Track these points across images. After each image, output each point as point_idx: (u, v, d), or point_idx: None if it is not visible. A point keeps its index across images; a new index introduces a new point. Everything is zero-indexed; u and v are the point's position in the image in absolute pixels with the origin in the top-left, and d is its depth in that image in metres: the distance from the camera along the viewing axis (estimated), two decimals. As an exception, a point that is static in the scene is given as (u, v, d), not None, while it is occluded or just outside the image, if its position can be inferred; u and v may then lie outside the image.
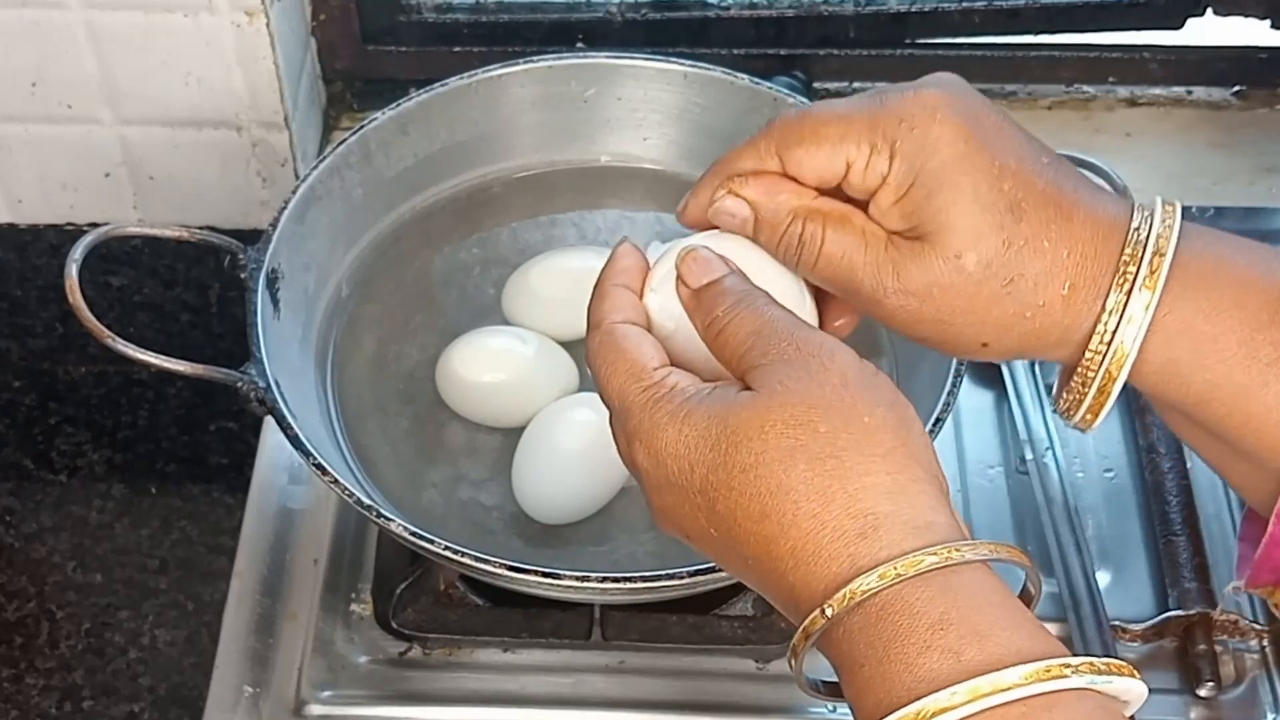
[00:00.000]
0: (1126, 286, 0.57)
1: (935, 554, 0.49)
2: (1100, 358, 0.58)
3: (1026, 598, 0.55)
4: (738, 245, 0.62)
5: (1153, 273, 0.57)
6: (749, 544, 0.52)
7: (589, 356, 0.59)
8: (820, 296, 0.63)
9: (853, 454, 0.52)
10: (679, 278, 0.60)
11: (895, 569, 0.49)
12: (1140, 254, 0.57)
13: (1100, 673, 0.48)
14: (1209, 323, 0.57)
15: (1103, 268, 0.58)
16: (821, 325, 0.63)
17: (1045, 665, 0.47)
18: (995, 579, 0.51)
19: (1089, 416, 0.61)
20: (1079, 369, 0.59)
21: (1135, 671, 0.49)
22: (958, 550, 0.50)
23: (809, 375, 0.53)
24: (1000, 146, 0.58)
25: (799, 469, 0.51)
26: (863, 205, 0.60)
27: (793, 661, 0.53)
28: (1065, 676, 0.47)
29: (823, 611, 0.50)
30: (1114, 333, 0.57)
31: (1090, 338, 0.58)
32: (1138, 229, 0.58)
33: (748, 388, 0.54)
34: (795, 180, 0.60)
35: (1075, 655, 0.48)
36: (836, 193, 0.61)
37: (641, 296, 0.62)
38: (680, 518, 0.55)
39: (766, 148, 0.61)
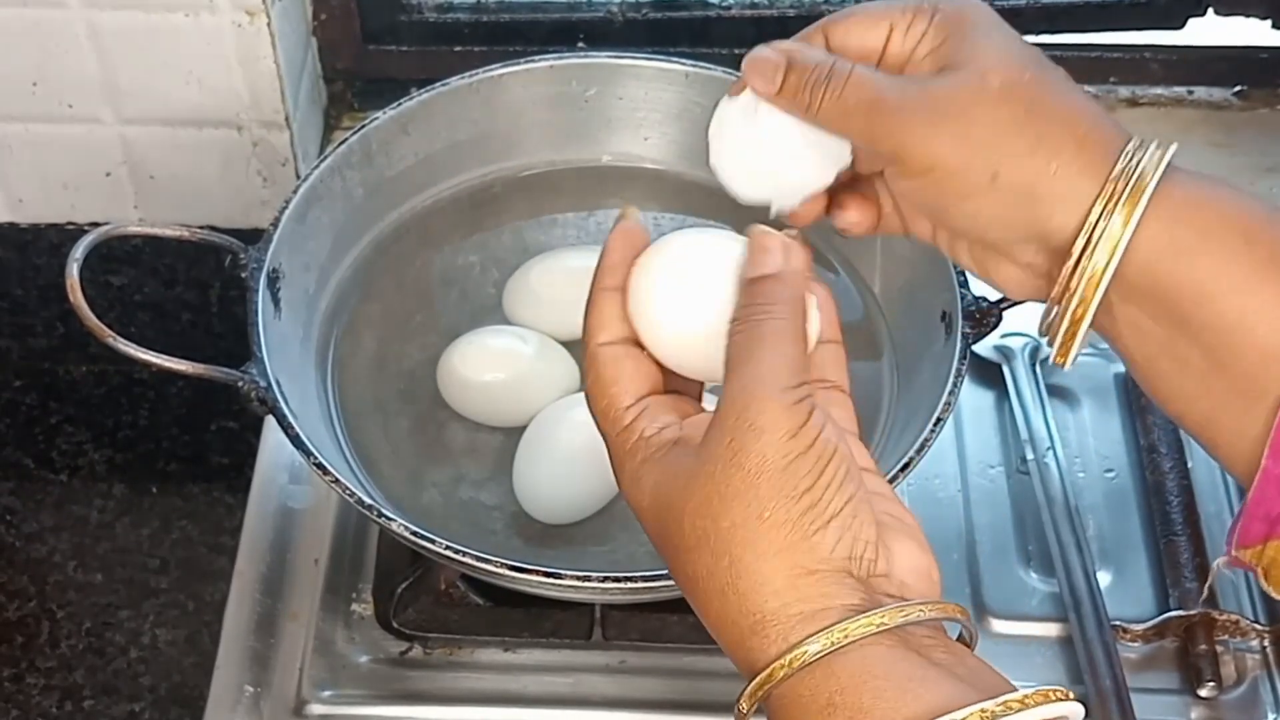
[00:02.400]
0: (1112, 196, 0.58)
1: (817, 641, 0.50)
2: (1085, 261, 0.59)
3: (966, 641, 0.55)
4: (726, 240, 0.61)
5: (1141, 186, 0.58)
6: (709, 605, 0.55)
7: (584, 353, 0.61)
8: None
9: (747, 552, 0.52)
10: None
11: (783, 664, 0.51)
12: (1131, 171, 0.59)
13: (1011, 710, 0.48)
14: (1200, 230, 0.59)
15: (1108, 148, 0.59)
16: (835, 221, 0.66)
17: (977, 710, 0.48)
18: (887, 649, 0.50)
19: (1067, 341, 0.61)
20: (1060, 279, 0.60)
21: (1056, 694, 0.49)
22: (843, 631, 0.50)
23: (731, 455, 0.53)
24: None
25: (704, 563, 0.53)
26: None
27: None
28: (1012, 711, 0.48)
29: (739, 710, 0.53)
30: (1095, 244, 0.59)
31: (1074, 239, 0.59)
32: (1131, 148, 0.60)
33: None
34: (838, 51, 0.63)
35: (991, 697, 0.48)
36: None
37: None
38: (658, 542, 0.57)
39: (814, 32, 0.64)
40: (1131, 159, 0.59)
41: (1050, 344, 0.63)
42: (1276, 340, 0.57)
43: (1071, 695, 0.49)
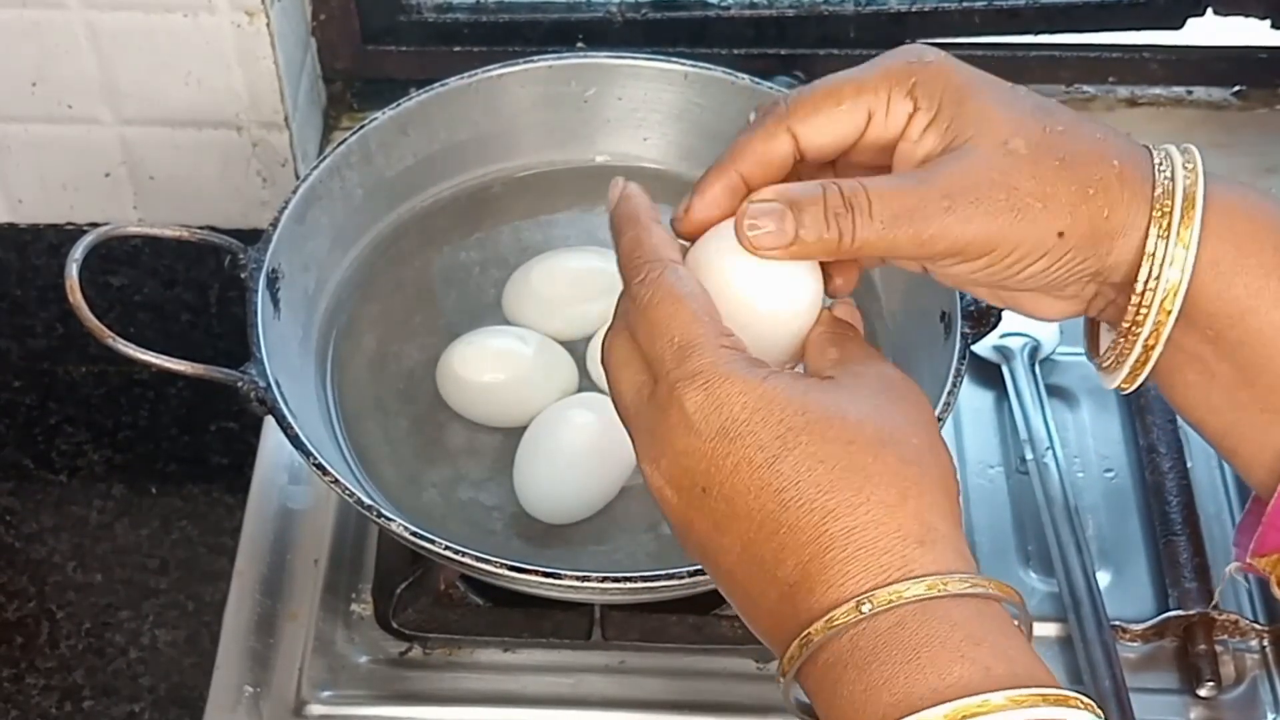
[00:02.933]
0: (1165, 222, 0.56)
1: (967, 580, 0.50)
2: (1150, 293, 0.57)
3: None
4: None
5: (1190, 206, 0.56)
6: (794, 510, 0.51)
7: (639, 281, 0.55)
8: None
9: (932, 473, 0.52)
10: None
11: (944, 582, 0.50)
12: (1172, 189, 0.57)
13: (1094, 712, 0.49)
14: (1237, 246, 0.57)
15: (1141, 169, 0.57)
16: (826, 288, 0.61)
17: (1060, 693, 0.49)
18: (1010, 616, 0.52)
19: (1137, 368, 0.59)
20: (1129, 310, 0.58)
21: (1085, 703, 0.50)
22: (984, 584, 0.51)
23: (891, 404, 0.53)
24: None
25: (888, 460, 0.51)
26: (884, 164, 0.59)
27: (790, 664, 0.51)
28: (1076, 707, 0.49)
29: (858, 605, 0.49)
30: (1161, 271, 0.57)
31: (1138, 265, 0.57)
32: (1159, 164, 0.58)
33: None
34: (804, 157, 0.59)
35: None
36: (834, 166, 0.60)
37: None
38: (709, 465, 0.52)
39: (775, 126, 0.58)
40: (1167, 175, 0.57)
41: (1109, 369, 0.61)
42: None
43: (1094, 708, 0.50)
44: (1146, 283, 0.57)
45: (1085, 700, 0.49)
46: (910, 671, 0.49)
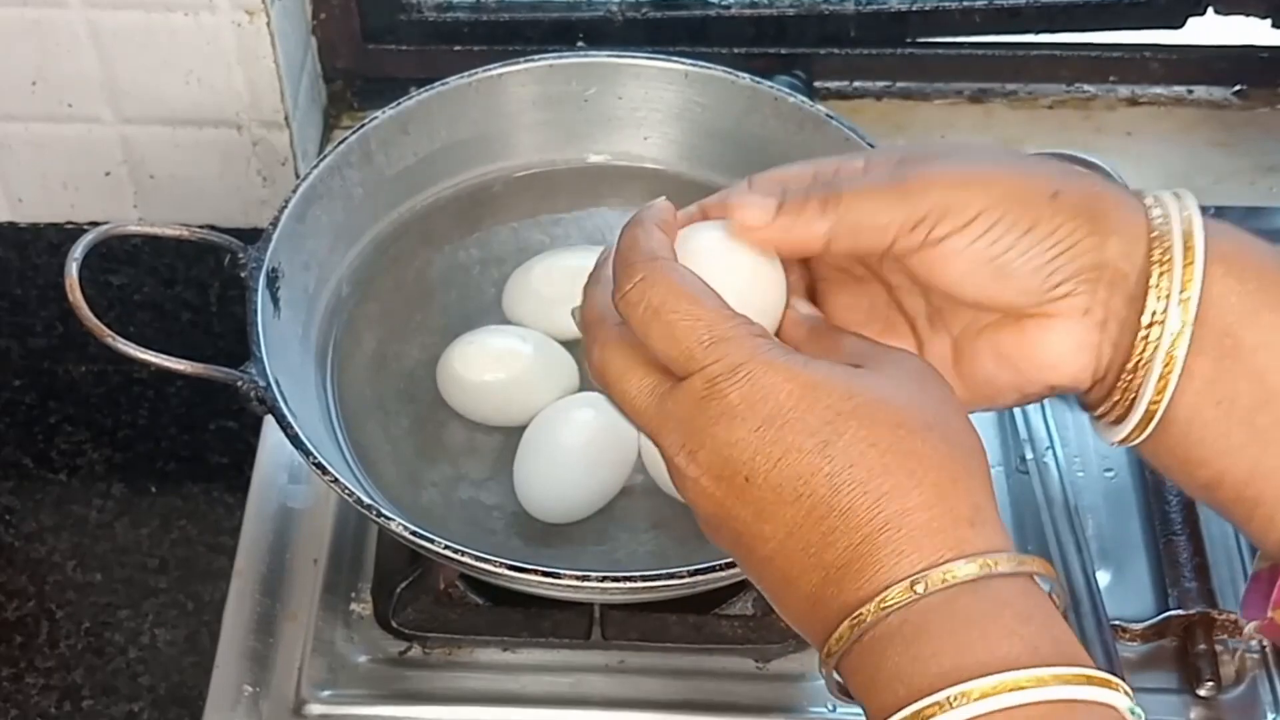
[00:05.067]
0: (1164, 264, 0.55)
1: (1014, 559, 0.51)
2: (1154, 340, 0.55)
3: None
4: (725, 236, 0.59)
5: (1189, 250, 0.55)
6: (846, 493, 0.51)
7: (636, 287, 0.55)
8: None
9: (975, 454, 0.53)
10: None
11: (994, 562, 0.50)
12: (1168, 234, 0.55)
13: (1133, 699, 0.50)
14: (1243, 284, 0.56)
15: (1134, 203, 0.56)
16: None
17: (1104, 676, 0.49)
18: (1047, 595, 0.53)
19: (1151, 409, 0.57)
20: (1130, 361, 0.56)
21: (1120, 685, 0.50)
22: (1029, 563, 0.52)
23: (926, 388, 0.54)
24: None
25: (935, 442, 0.52)
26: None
27: (838, 644, 0.51)
28: (1117, 690, 0.49)
29: (911, 585, 0.50)
30: (1164, 312, 0.55)
31: (1140, 313, 0.56)
32: (1150, 205, 0.57)
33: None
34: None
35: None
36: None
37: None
38: (754, 453, 0.52)
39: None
40: (1160, 214, 0.56)
41: (1114, 421, 0.59)
42: None
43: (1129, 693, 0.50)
44: (1159, 305, 0.55)
45: (1126, 687, 0.50)
46: (960, 646, 0.49)
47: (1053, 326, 0.57)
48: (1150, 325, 0.55)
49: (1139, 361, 0.56)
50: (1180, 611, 0.87)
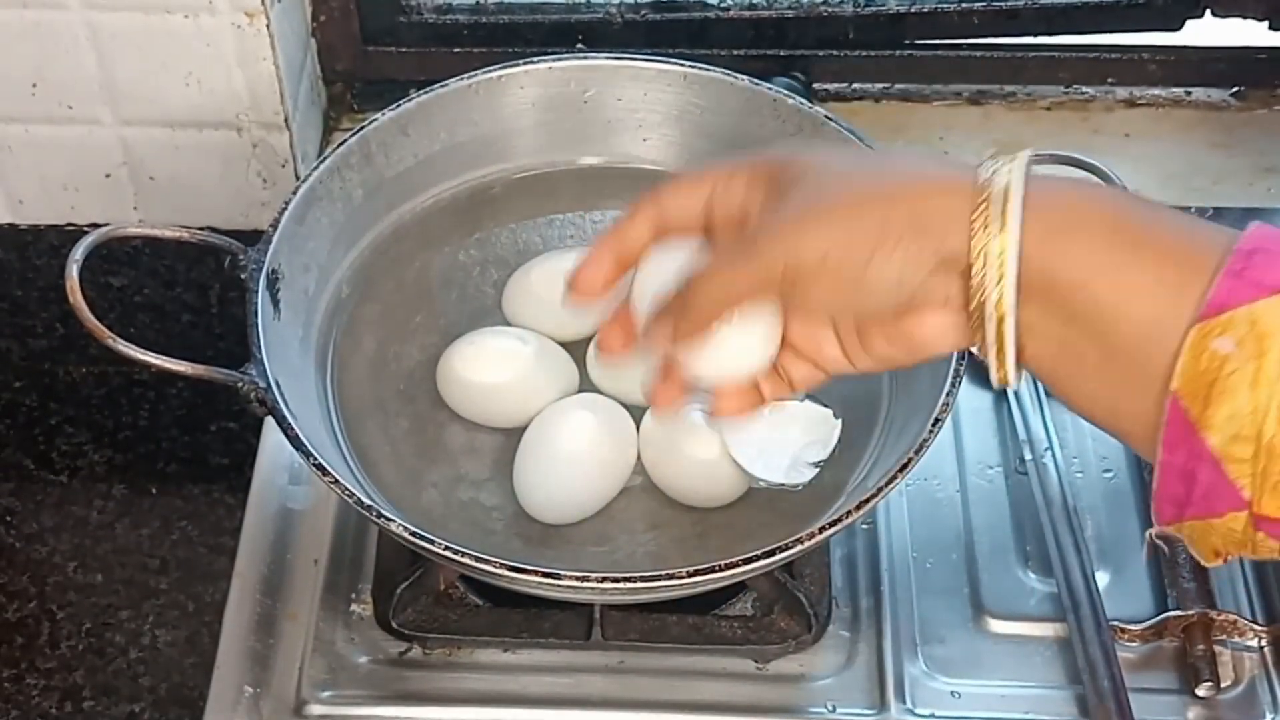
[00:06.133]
0: (985, 209, 0.60)
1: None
2: (981, 276, 0.61)
3: None
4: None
5: (1004, 206, 0.60)
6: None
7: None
8: None
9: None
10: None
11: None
12: (991, 183, 0.61)
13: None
14: (1062, 237, 0.60)
15: (962, 171, 0.62)
16: None
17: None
18: None
19: (1000, 353, 0.62)
20: (972, 298, 0.61)
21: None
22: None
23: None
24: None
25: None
26: None
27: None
28: None
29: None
30: (987, 259, 0.60)
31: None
32: (982, 170, 0.62)
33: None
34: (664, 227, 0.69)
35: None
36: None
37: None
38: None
39: (644, 209, 0.70)
40: (990, 171, 0.61)
41: (991, 369, 0.63)
42: (1150, 320, 0.58)
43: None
44: (982, 272, 0.60)
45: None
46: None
47: (922, 318, 0.64)
48: (977, 291, 0.61)
49: (978, 324, 0.61)
50: (1179, 612, 0.87)
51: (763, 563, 0.74)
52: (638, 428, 0.85)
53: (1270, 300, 0.55)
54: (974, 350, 0.64)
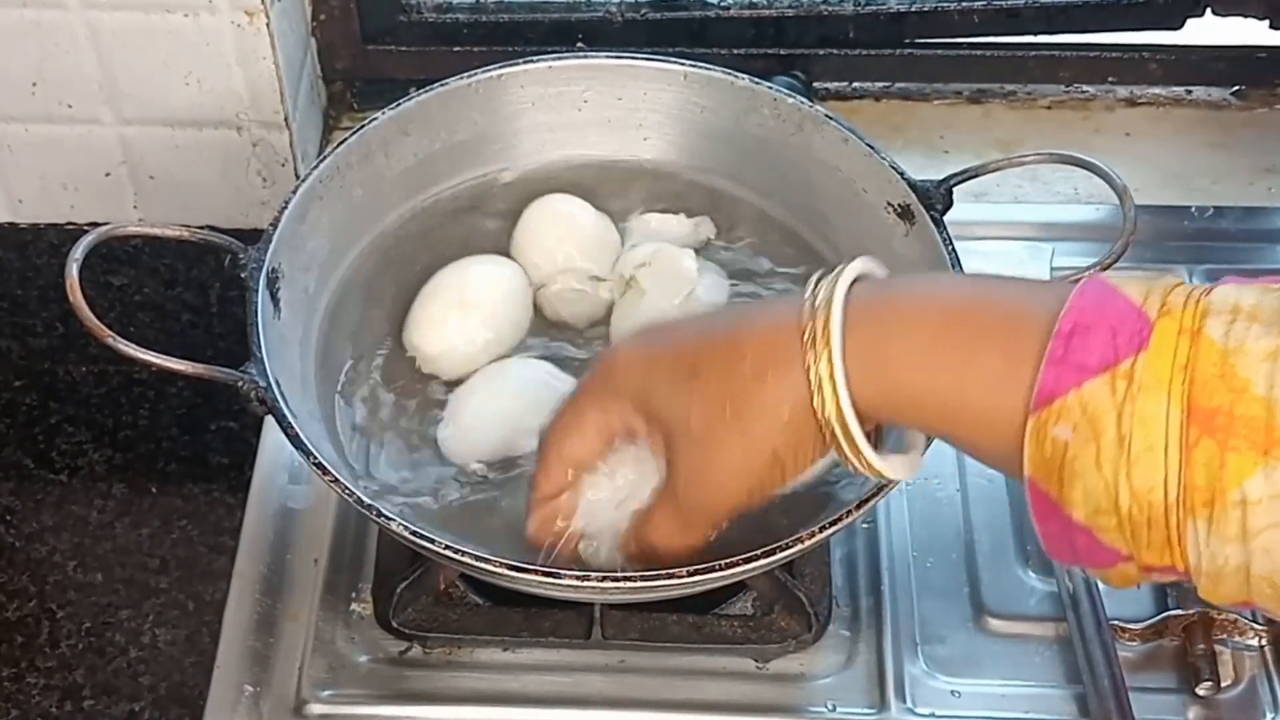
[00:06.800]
0: (813, 354, 0.63)
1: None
2: (828, 419, 0.64)
3: None
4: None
5: (825, 330, 0.63)
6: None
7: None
8: None
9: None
10: None
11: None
12: (813, 321, 0.63)
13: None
14: (890, 346, 0.63)
15: (788, 301, 0.66)
16: None
17: None
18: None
19: (870, 469, 0.66)
20: (824, 431, 0.64)
21: None
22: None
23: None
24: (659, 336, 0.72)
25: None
26: None
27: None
28: None
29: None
30: (821, 393, 0.63)
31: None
32: (810, 298, 0.64)
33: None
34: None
35: None
36: None
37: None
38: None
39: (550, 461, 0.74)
40: (810, 292, 0.64)
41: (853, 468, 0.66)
42: (990, 408, 0.61)
43: None
44: (818, 387, 0.63)
45: None
46: None
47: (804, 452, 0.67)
48: (819, 409, 0.64)
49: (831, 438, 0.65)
50: (1179, 611, 0.87)
51: (763, 562, 0.74)
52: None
53: (1095, 381, 0.57)
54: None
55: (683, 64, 0.94)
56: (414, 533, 0.74)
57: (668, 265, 0.88)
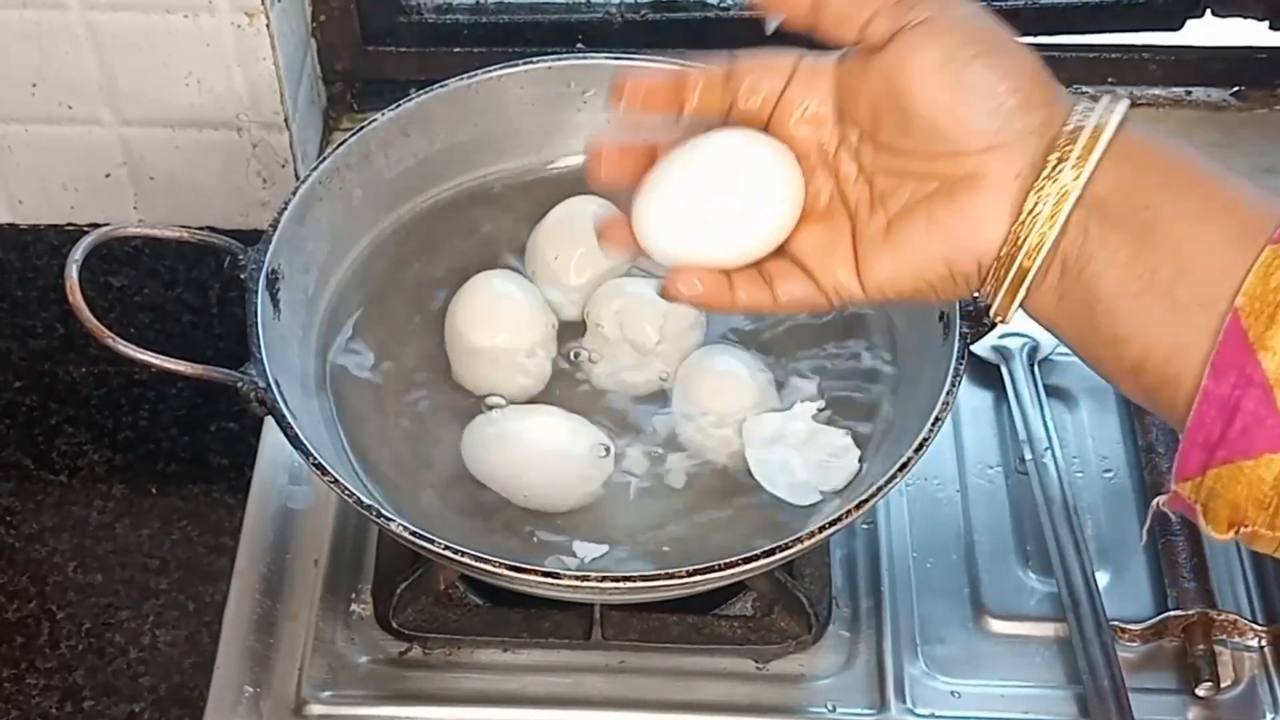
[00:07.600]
0: (1060, 159, 0.61)
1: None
2: (1060, 175, 0.61)
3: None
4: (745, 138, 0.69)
5: (1097, 134, 0.61)
6: None
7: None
8: None
9: None
10: None
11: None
12: (1079, 133, 0.62)
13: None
14: (1150, 154, 0.61)
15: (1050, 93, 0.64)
16: None
17: None
18: None
19: (1012, 289, 0.61)
20: (1015, 225, 0.61)
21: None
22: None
23: None
24: None
25: None
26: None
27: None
28: None
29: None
30: (1061, 160, 0.61)
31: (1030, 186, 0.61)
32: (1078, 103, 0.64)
33: None
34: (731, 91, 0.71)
35: None
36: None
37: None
38: None
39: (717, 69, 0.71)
40: (1082, 107, 0.63)
41: (992, 295, 0.62)
42: (1223, 242, 0.57)
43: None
44: (1056, 159, 0.61)
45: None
46: None
47: (982, 190, 0.61)
48: (1032, 209, 0.60)
49: (1029, 222, 0.61)
50: (1179, 612, 0.87)
51: (763, 563, 0.74)
52: None
53: None
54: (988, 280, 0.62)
55: (683, 64, 0.93)
56: (414, 533, 0.74)
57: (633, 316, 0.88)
